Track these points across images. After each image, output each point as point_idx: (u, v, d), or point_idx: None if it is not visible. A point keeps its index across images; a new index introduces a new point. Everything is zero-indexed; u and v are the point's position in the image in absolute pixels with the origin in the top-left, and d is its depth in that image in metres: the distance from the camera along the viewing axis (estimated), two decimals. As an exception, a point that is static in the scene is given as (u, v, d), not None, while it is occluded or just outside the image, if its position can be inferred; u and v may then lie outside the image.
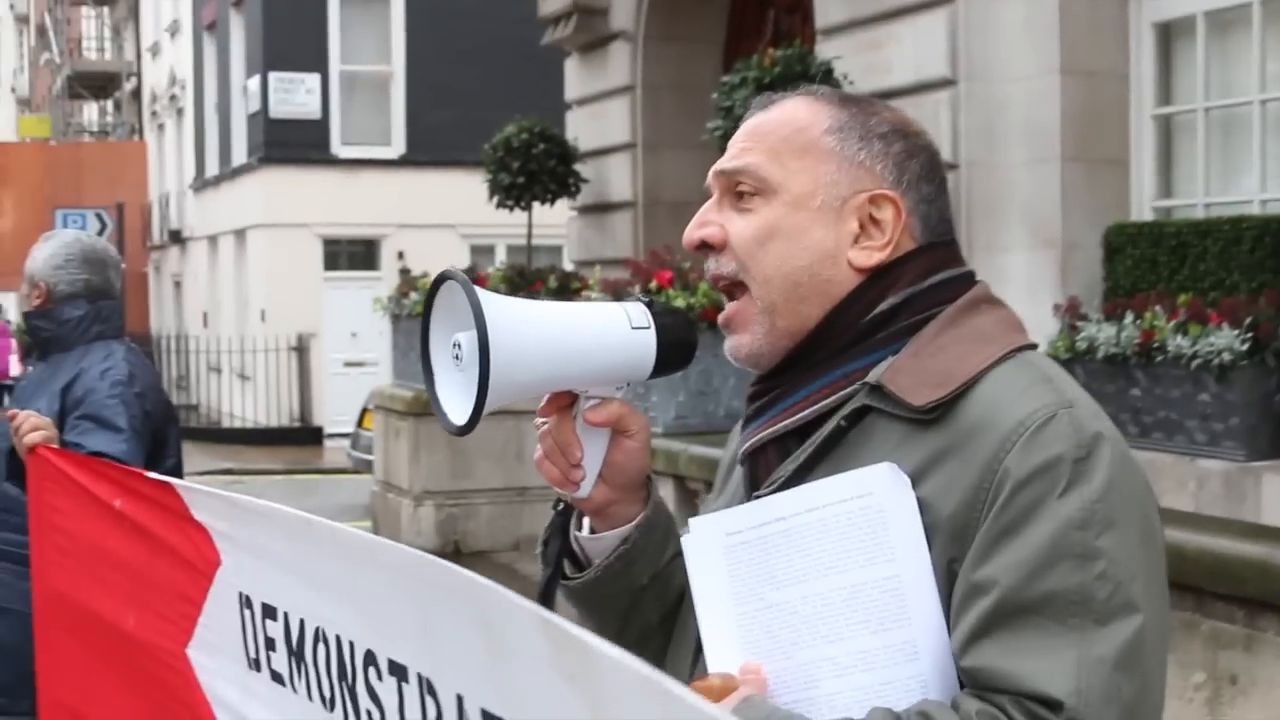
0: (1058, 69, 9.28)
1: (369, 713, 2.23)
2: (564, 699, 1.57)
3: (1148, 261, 8.71)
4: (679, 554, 2.25)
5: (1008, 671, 1.88)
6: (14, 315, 25.78)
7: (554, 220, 16.50)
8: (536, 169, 14.64)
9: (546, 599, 2.30)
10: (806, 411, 2.12)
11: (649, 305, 2.22)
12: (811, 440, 2.11)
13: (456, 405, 2.10)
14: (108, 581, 3.54)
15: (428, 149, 29.71)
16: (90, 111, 57.26)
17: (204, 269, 36.83)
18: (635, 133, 14.39)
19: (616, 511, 2.30)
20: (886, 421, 2.05)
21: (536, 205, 15.04)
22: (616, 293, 11.28)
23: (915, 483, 1.99)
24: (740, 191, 2.19)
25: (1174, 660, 6.35)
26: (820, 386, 2.13)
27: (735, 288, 2.19)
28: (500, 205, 15.12)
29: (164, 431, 5.49)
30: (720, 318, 2.23)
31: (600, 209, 15.01)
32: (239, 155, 32.51)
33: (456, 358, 2.08)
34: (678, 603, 2.34)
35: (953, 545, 1.96)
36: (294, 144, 29.59)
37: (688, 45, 14.23)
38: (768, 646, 2.06)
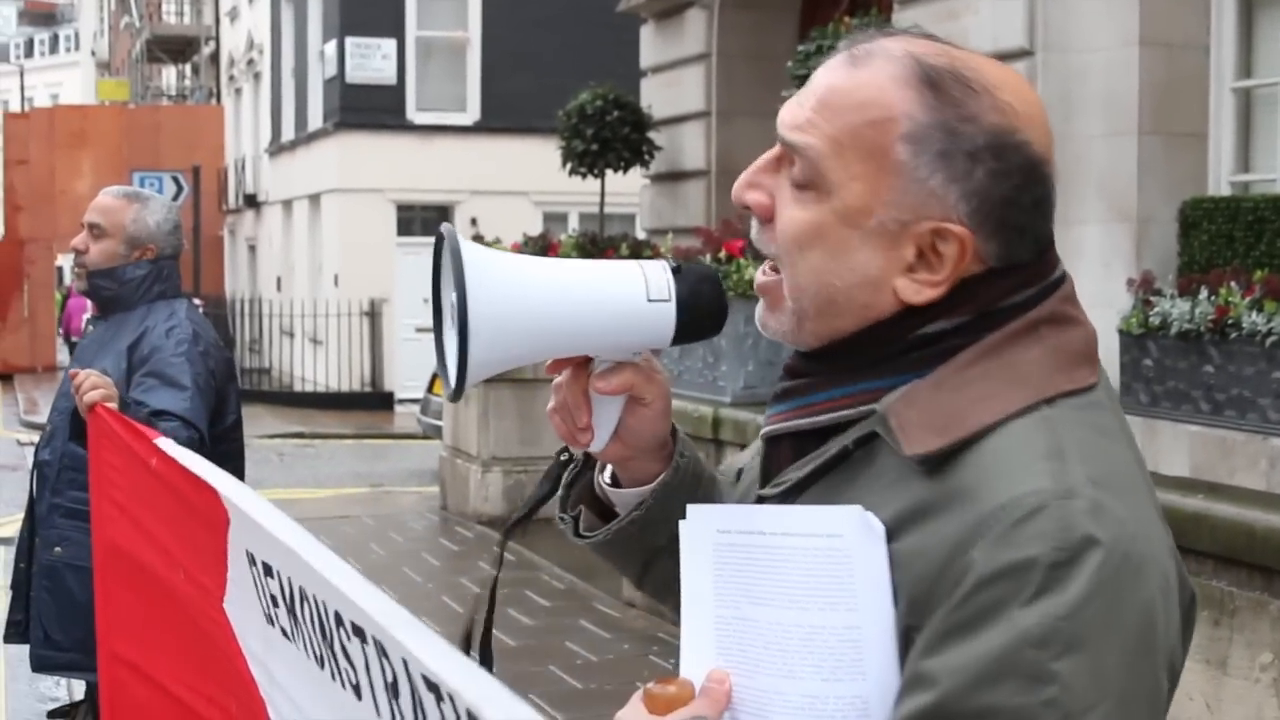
0: (1137, 40, 9.18)
1: (347, 672, 2.27)
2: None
3: (1224, 237, 8.62)
4: None
5: None
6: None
7: (627, 188, 16.48)
8: (610, 136, 14.63)
9: (504, 538, 2.20)
10: (822, 417, 1.90)
11: (676, 270, 1.98)
12: (818, 453, 1.90)
13: (452, 369, 1.94)
14: (157, 537, 3.61)
15: (502, 115, 29.74)
16: (168, 75, 57.60)
17: (278, 233, 37.01)
18: (710, 101, 14.34)
19: (637, 467, 2.13)
20: (888, 454, 1.82)
21: (609, 173, 15.04)
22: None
23: (894, 533, 1.77)
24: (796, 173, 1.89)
25: (1242, 640, 6.30)
26: (843, 395, 1.89)
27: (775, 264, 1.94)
28: (573, 172, 15.13)
29: (225, 389, 5.54)
30: (756, 283, 1.99)
31: (673, 177, 14.97)
32: (315, 120, 32.63)
33: (452, 320, 1.90)
34: None
35: (911, 613, 1.74)
36: (369, 109, 29.67)
37: (764, 13, 14.18)
38: (738, 659, 1.89)
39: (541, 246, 15.66)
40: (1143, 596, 1.70)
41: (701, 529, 1.95)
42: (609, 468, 2.20)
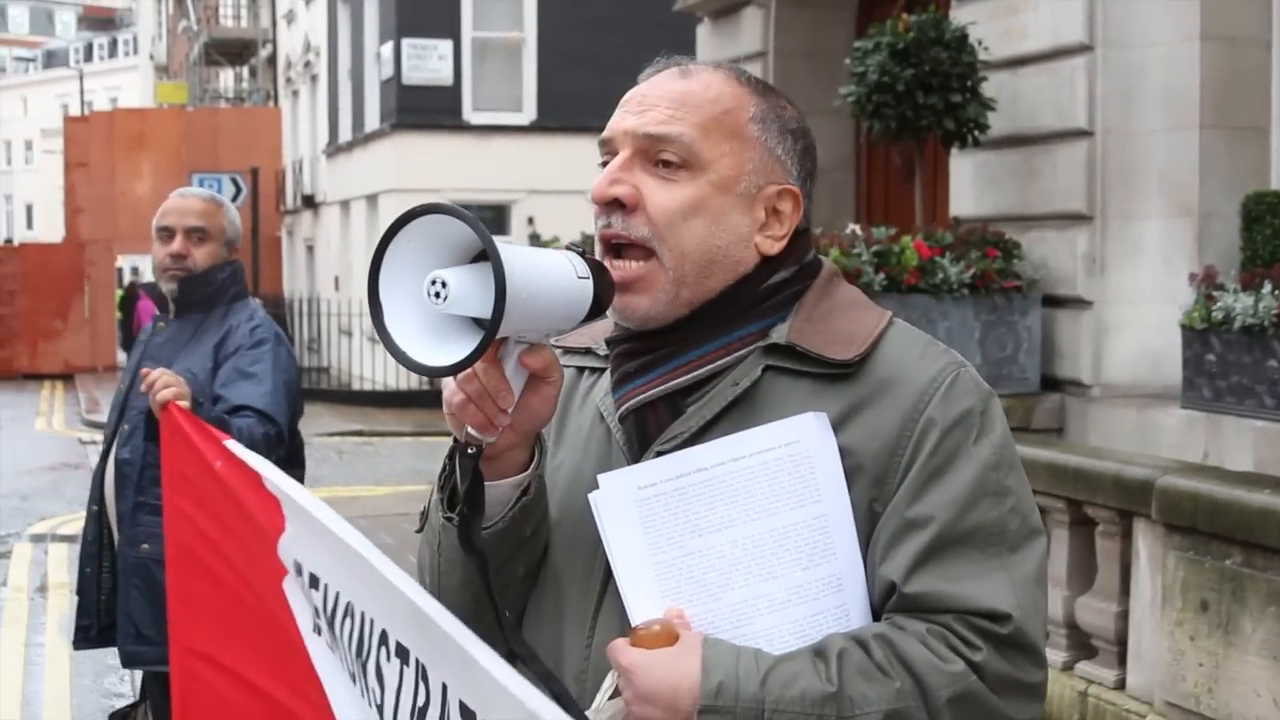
0: (1198, 34, 9.15)
1: (373, 691, 2.32)
2: (516, 698, 1.75)
3: (1287, 231, 8.58)
4: (548, 507, 2.33)
5: (952, 594, 2.12)
6: (149, 277, 26.25)
7: (684, 186, 16.45)
8: (667, 135, 14.59)
9: (468, 546, 2.22)
10: (702, 370, 2.27)
11: (582, 255, 2.19)
12: (713, 396, 2.25)
13: (423, 345, 2.03)
14: (225, 535, 3.63)
15: (558, 115, 29.75)
16: (226, 78, 57.86)
17: (336, 234, 37.11)
18: (767, 99, 14.29)
19: (509, 458, 2.27)
20: (790, 379, 2.24)
21: (667, 171, 15.00)
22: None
23: (837, 430, 2.19)
24: (663, 160, 2.26)
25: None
26: (716, 347, 2.27)
27: (633, 250, 2.25)
28: (630, 171, 15.10)
29: (298, 385, 5.61)
30: (616, 276, 2.23)
31: (730, 175, 14.93)
32: (371, 121, 32.71)
33: (437, 295, 1.99)
34: (542, 559, 2.36)
35: (874, 487, 2.18)
36: (426, 110, 29.74)
37: (820, 11, 14.16)
38: (691, 591, 2.17)
39: (585, 247, 15.61)
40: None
41: (618, 492, 2.21)
42: None
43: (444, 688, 1.99)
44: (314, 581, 2.79)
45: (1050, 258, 10.04)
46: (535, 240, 17.34)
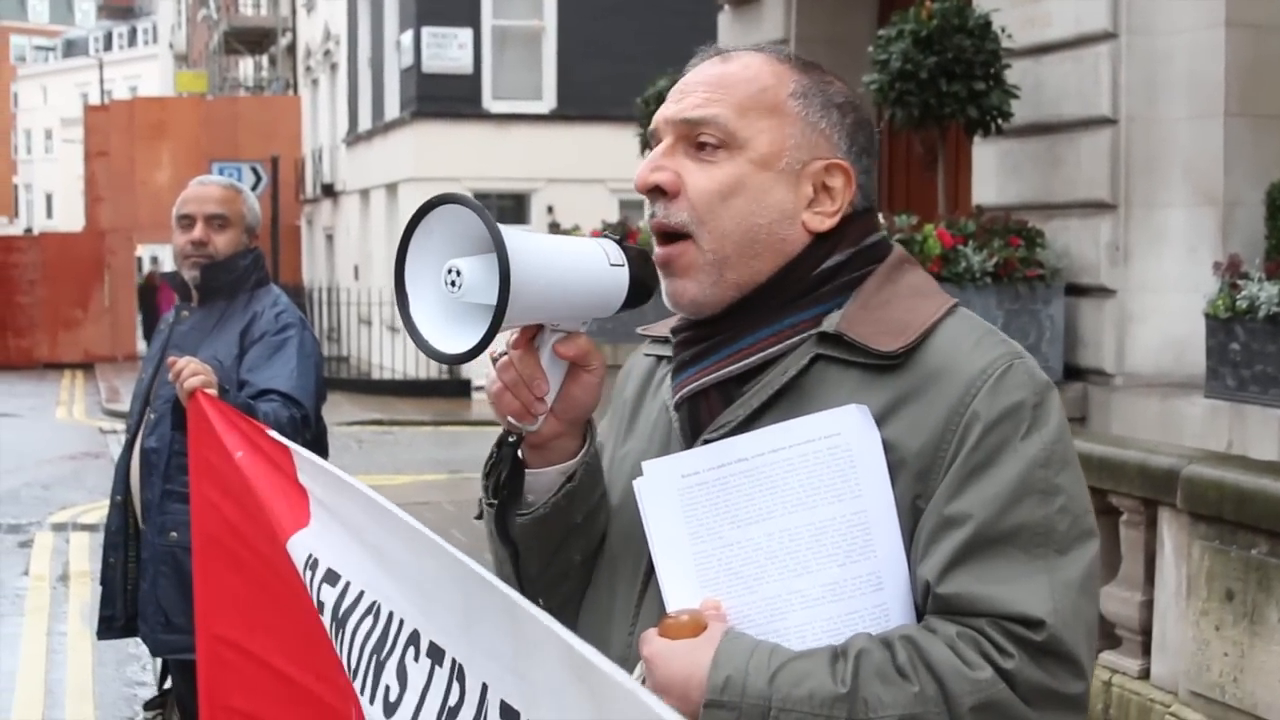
0: (1223, 21, 9.10)
1: (387, 688, 2.31)
2: (576, 697, 1.71)
3: (1313, 219, 8.53)
4: (605, 493, 2.35)
5: (986, 596, 2.04)
6: (170, 265, 26.30)
7: (705, 175, 16.41)
8: (688, 123, 14.56)
9: (503, 534, 2.32)
10: (754, 358, 2.22)
11: (619, 243, 2.25)
12: (763, 385, 2.21)
13: (445, 333, 2.08)
14: (250, 523, 3.62)
15: (579, 103, 29.76)
16: (246, 67, 57.92)
17: (355, 222, 37.14)
18: (788, 87, 14.25)
19: (558, 446, 2.30)
20: (840, 369, 2.18)
21: (688, 159, 14.97)
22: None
23: (879, 424, 2.12)
24: (702, 142, 2.24)
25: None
26: (769, 334, 2.22)
27: (679, 235, 2.24)
28: (651, 159, 15.06)
29: (323, 370, 5.62)
30: (658, 257, 2.26)
31: (752, 163, 14.90)
32: (391, 110, 32.73)
33: (453, 284, 2.05)
34: (600, 544, 2.38)
35: (917, 482, 2.11)
36: (446, 98, 29.76)
37: (843, -2, 14.12)
38: (728, 582, 2.14)
39: (620, 234, 15.64)
40: (1071, 436, 2.17)
41: (662, 481, 2.19)
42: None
43: (483, 688, 1.99)
44: (331, 577, 2.78)
45: (1073, 246, 10.00)
46: (554, 229, 17.32)
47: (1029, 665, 2.02)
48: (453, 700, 2.07)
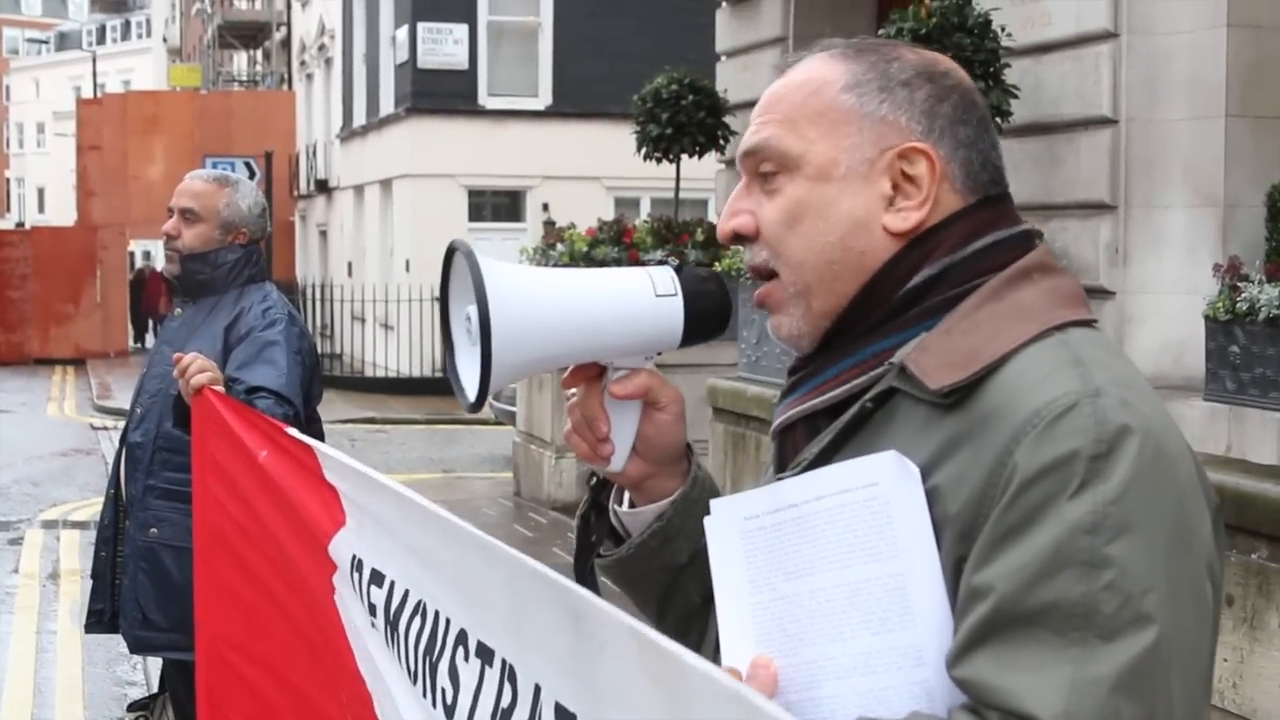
0: (1224, 22, 9.05)
1: (443, 690, 2.26)
2: (647, 700, 1.57)
3: (1314, 221, 8.48)
4: None
5: (996, 686, 1.70)
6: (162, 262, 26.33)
7: (701, 173, 16.40)
8: (685, 121, 14.54)
9: (580, 574, 2.24)
10: (835, 392, 1.98)
11: (678, 270, 2.12)
12: (837, 422, 1.96)
13: (472, 379, 2.01)
14: (265, 526, 3.59)
15: (574, 100, 29.76)
16: (240, 61, 57.91)
17: (349, 219, 37.11)
18: (785, 85, 14.20)
19: (654, 485, 2.21)
20: (911, 405, 1.89)
21: (684, 158, 14.95)
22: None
23: (928, 472, 1.83)
24: (764, 172, 2.03)
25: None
26: (850, 366, 1.98)
27: (767, 273, 2.05)
28: (648, 157, 15.04)
29: (314, 371, 5.58)
30: (755, 296, 2.09)
31: (748, 162, 14.86)
32: (386, 105, 32.72)
33: (468, 331, 2.00)
34: None
35: (961, 543, 1.79)
36: (441, 94, 29.75)
37: (841, -4, 14.07)
38: (779, 640, 1.91)
39: (616, 231, 15.61)
40: (1177, 487, 1.77)
41: (727, 520, 1.99)
42: (625, 496, 2.27)
43: (536, 689, 1.91)
44: (377, 578, 2.74)
45: (1072, 247, 9.95)
46: (550, 226, 17.26)
47: None
48: (505, 702, 2.01)
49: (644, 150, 15.02)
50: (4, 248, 38.78)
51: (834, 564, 1.85)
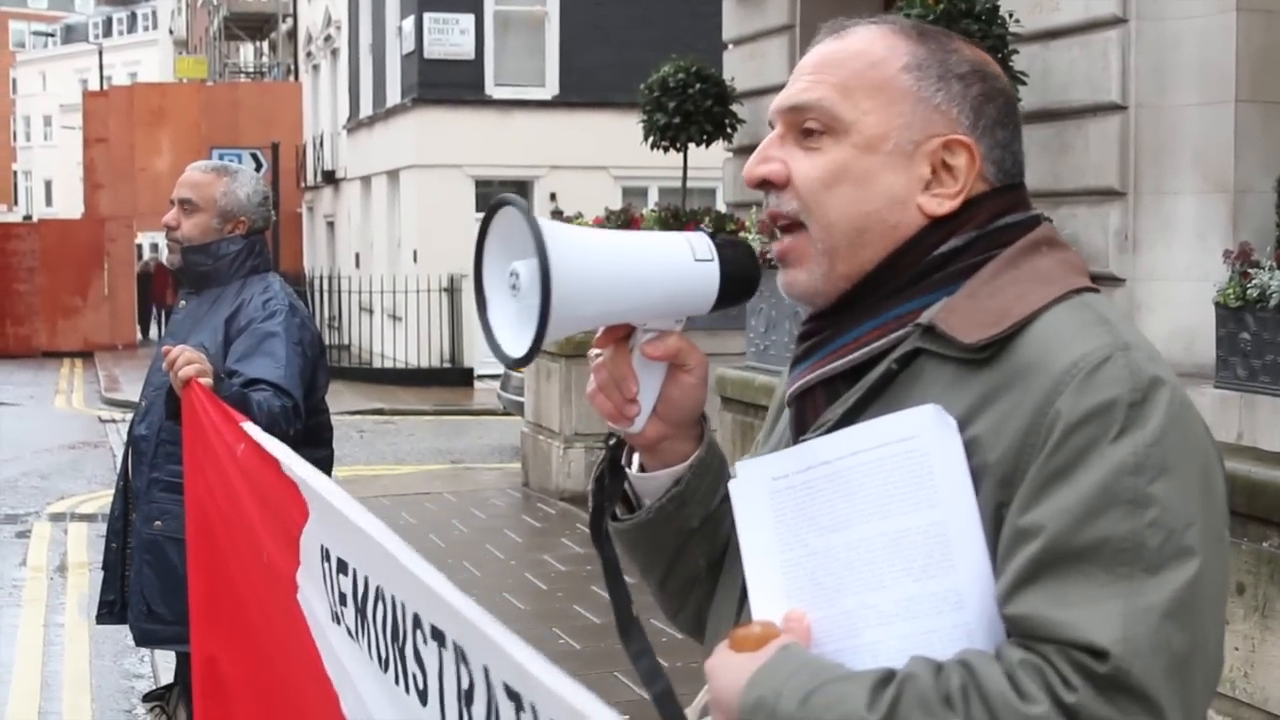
0: (1234, 6, 8.99)
1: (414, 676, 2.27)
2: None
3: (1325, 207, 8.44)
4: (729, 497, 2.20)
5: (1052, 620, 1.80)
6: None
7: (709, 162, 16.36)
8: (692, 110, 14.48)
9: (597, 537, 2.28)
10: (858, 353, 2.08)
11: (711, 237, 2.16)
12: (861, 383, 2.06)
13: (512, 336, 2.05)
14: (242, 520, 3.60)
15: (581, 90, 29.74)
16: (246, 53, 57.94)
17: (357, 209, 37.11)
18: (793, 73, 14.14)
19: (669, 448, 2.25)
20: (938, 364, 2.00)
21: (691, 146, 14.90)
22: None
23: (964, 425, 1.93)
24: (807, 129, 2.11)
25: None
26: (872, 328, 2.08)
27: (793, 226, 2.13)
28: (655, 146, 14.99)
29: (317, 362, 5.55)
30: (774, 249, 2.17)
31: (756, 150, 14.80)
32: (393, 96, 32.71)
33: (513, 287, 2.03)
34: (725, 548, 2.30)
35: (1001, 490, 1.90)
36: (447, 84, 29.72)
37: (848, -17, 14.01)
38: (812, 593, 2.00)
39: (624, 221, 15.58)
40: (1199, 436, 1.92)
41: (755, 482, 2.07)
42: (635, 460, 2.32)
43: (485, 670, 1.92)
44: (343, 566, 2.75)
45: (1082, 234, 9.91)
46: (557, 216, 17.22)
47: (1095, 700, 1.77)
48: (465, 683, 2.01)
49: (651, 139, 14.97)
50: (11, 241, 38.77)
51: (873, 515, 1.94)
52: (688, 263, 2.11)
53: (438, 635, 2.14)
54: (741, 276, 2.15)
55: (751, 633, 1.97)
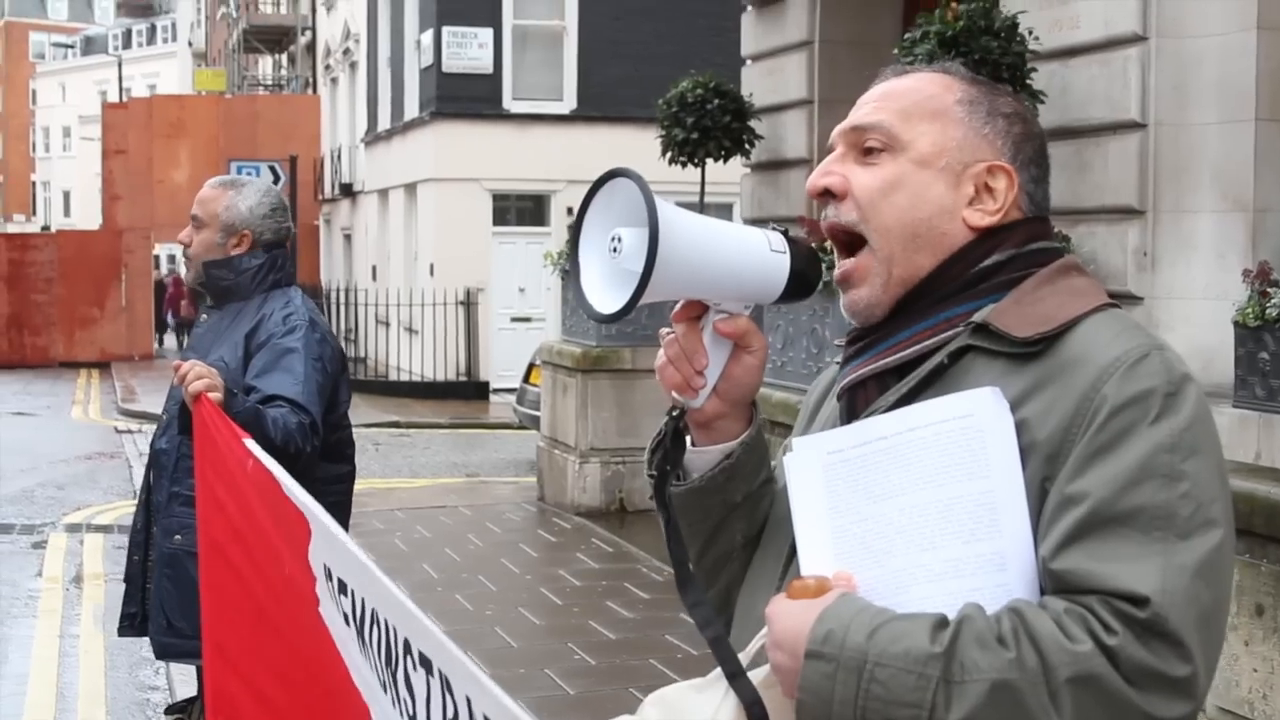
0: (1254, 24, 8.98)
1: (405, 701, 2.34)
2: None
3: (1345, 226, 8.41)
4: (770, 479, 2.50)
5: (1096, 573, 2.06)
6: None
7: (727, 177, 16.36)
8: (710, 125, 14.47)
9: (662, 502, 2.45)
10: (910, 350, 2.33)
11: (784, 234, 2.37)
12: (915, 373, 2.31)
13: (603, 295, 2.24)
14: (258, 536, 3.59)
15: (599, 104, 29.74)
16: (265, 65, 58.01)
17: (374, 222, 37.14)
18: (812, 89, 14.16)
19: (722, 426, 2.45)
20: (987, 360, 2.26)
21: (709, 162, 14.90)
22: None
23: (1015, 409, 2.19)
24: (868, 147, 2.37)
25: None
26: (925, 328, 2.33)
27: (852, 239, 2.37)
28: (673, 161, 14.98)
29: (338, 377, 5.54)
30: (837, 273, 2.40)
31: (774, 166, 14.83)
32: (411, 109, 32.73)
33: (614, 250, 2.21)
34: (762, 527, 2.52)
35: (1047, 465, 2.16)
36: (466, 98, 29.73)
37: None
38: (860, 556, 2.22)
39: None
40: (1216, 430, 2.21)
41: (810, 456, 2.32)
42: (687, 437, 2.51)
43: (468, 700, 1.99)
44: (343, 587, 2.79)
45: (1100, 252, 9.89)
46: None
47: (1133, 643, 2.04)
48: (450, 711, 2.09)
49: (669, 154, 14.97)
50: (29, 251, 38.83)
51: (927, 484, 2.18)
52: (764, 252, 2.31)
53: (425, 663, 2.22)
54: (807, 273, 2.35)
55: (808, 584, 2.18)
